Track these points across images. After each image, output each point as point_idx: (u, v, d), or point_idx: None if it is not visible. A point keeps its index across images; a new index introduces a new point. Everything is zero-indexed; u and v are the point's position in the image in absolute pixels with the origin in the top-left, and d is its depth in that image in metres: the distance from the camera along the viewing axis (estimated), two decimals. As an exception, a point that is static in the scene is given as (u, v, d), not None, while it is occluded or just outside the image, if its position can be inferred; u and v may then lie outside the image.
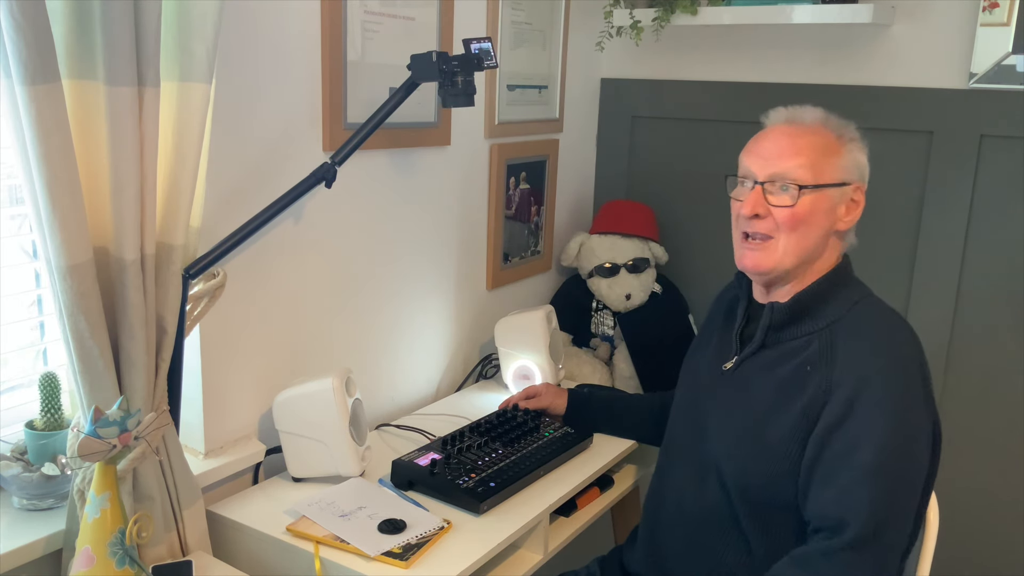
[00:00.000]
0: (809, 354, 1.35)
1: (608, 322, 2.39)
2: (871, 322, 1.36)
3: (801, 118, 1.42)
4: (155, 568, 1.30)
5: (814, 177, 1.36)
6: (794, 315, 1.40)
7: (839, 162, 1.38)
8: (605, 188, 2.63)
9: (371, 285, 1.86)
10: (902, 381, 1.30)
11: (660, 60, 2.48)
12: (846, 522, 1.23)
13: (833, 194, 1.38)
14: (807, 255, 1.39)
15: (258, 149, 1.56)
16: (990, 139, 2.05)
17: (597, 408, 1.86)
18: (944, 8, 2.06)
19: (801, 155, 1.37)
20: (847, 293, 1.40)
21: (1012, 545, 2.17)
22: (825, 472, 1.28)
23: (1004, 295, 2.09)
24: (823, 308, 1.39)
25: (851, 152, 1.39)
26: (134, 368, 1.26)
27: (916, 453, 1.30)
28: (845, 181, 1.38)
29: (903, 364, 1.31)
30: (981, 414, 2.16)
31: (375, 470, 1.63)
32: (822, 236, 1.39)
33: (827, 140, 1.39)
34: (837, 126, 1.41)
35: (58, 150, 1.11)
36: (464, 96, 1.60)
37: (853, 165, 1.40)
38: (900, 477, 1.27)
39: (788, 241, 1.38)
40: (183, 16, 1.25)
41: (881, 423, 1.26)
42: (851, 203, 1.40)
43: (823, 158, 1.37)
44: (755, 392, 1.40)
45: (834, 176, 1.37)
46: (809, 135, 1.39)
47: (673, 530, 1.50)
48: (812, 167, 1.36)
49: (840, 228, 1.40)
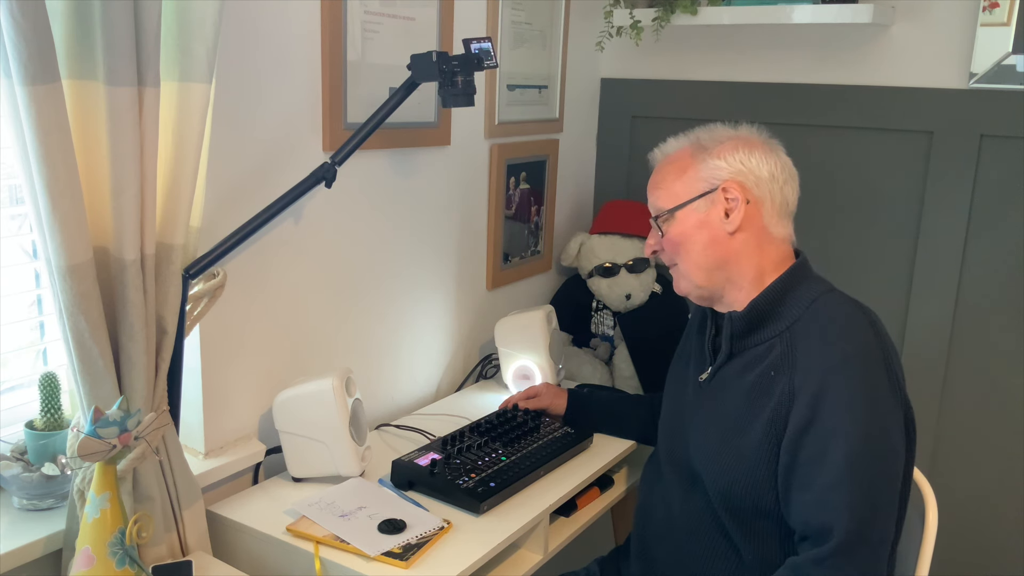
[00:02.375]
0: (772, 359, 1.35)
1: (608, 322, 2.39)
2: (826, 319, 1.35)
3: (664, 151, 1.49)
4: (155, 568, 1.30)
5: (671, 200, 1.42)
6: (752, 322, 1.39)
7: (693, 175, 1.41)
8: (605, 188, 2.63)
9: (371, 285, 1.86)
10: (862, 374, 1.28)
11: (660, 60, 2.48)
12: (829, 528, 1.23)
13: (697, 206, 1.40)
14: (711, 266, 1.41)
15: (258, 149, 1.56)
16: (990, 139, 2.05)
17: (597, 408, 1.86)
18: (944, 8, 2.06)
19: (659, 187, 1.45)
20: (803, 292, 1.38)
21: (1012, 545, 2.17)
22: (801, 478, 1.28)
23: (1004, 295, 2.09)
24: (781, 311, 1.38)
25: (706, 160, 1.40)
26: (134, 368, 1.26)
27: (888, 444, 1.28)
28: (706, 190, 1.40)
29: (862, 356, 1.30)
30: (981, 414, 2.16)
31: (375, 470, 1.63)
32: (709, 246, 1.40)
33: (681, 162, 1.44)
34: (696, 141, 1.45)
35: (58, 150, 1.11)
36: (464, 96, 1.60)
37: (711, 170, 1.40)
38: (876, 472, 1.26)
39: (684, 264, 1.44)
40: (183, 16, 1.24)
41: (847, 421, 1.25)
42: (728, 203, 1.39)
43: (675, 180, 1.43)
44: (727, 401, 1.40)
45: (691, 191, 1.41)
46: (667, 165, 1.46)
47: (663, 541, 1.50)
48: (668, 193, 1.43)
49: (729, 230, 1.39)
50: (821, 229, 2.30)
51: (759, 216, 1.40)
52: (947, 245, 2.13)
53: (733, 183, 1.38)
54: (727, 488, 1.37)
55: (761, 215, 1.40)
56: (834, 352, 1.30)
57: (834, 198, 2.27)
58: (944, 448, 2.21)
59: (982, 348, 2.14)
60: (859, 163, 2.24)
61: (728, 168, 1.39)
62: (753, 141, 1.42)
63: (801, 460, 1.27)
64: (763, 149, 1.41)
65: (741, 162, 1.39)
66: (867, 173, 2.23)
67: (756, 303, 1.39)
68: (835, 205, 2.27)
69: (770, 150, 1.42)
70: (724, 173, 1.39)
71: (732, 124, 1.46)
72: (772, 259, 1.41)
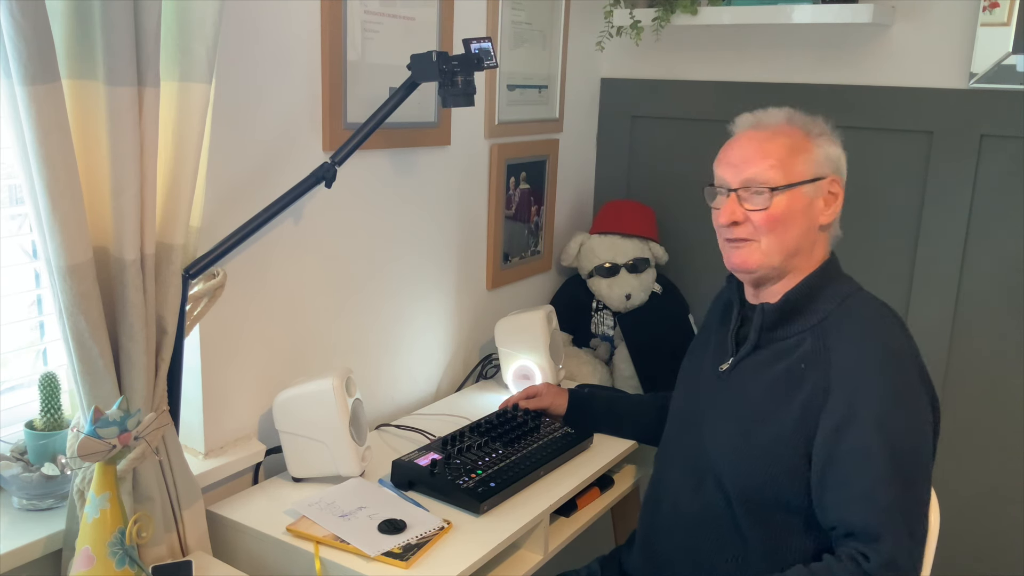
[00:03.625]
0: (803, 351, 1.36)
1: (608, 322, 2.39)
2: (862, 318, 1.37)
3: (766, 121, 1.44)
4: (155, 568, 1.30)
5: (785, 177, 1.38)
6: (785, 314, 1.41)
7: (809, 158, 1.39)
8: (605, 188, 2.63)
9: (371, 285, 1.86)
10: (899, 372, 1.31)
11: (660, 60, 2.48)
12: (879, 533, 1.23)
13: (807, 190, 1.39)
14: (792, 251, 1.41)
15: (258, 149, 1.56)
16: (990, 139, 2.05)
17: (598, 408, 1.86)
18: (944, 8, 2.06)
19: (769, 157, 1.38)
20: (836, 289, 1.41)
21: (1013, 545, 2.17)
22: (840, 474, 1.28)
23: (1004, 295, 2.09)
24: (813, 305, 1.39)
25: (820, 147, 1.40)
26: (134, 368, 1.26)
27: (926, 442, 1.32)
28: (818, 176, 1.39)
29: (897, 355, 1.32)
30: (981, 414, 2.16)
31: (375, 470, 1.63)
32: (804, 232, 1.40)
33: (794, 139, 1.40)
34: (804, 123, 1.42)
35: (58, 150, 1.11)
36: (464, 96, 1.60)
37: (824, 159, 1.40)
38: (917, 473, 1.28)
39: (770, 242, 1.40)
40: (183, 16, 1.25)
41: (884, 422, 1.26)
42: (829, 196, 1.41)
43: (792, 157, 1.38)
44: (751, 393, 1.40)
45: (806, 172, 1.39)
46: (776, 136, 1.41)
47: (670, 534, 1.50)
48: (782, 167, 1.38)
49: (822, 222, 1.41)
50: (821, 229, 2.30)
51: (839, 215, 1.43)
52: (947, 245, 2.13)
53: (839, 178, 1.41)
54: (746, 480, 1.37)
55: (839, 214, 1.43)
56: (872, 350, 1.32)
57: (834, 198, 2.26)
58: (944, 448, 2.20)
59: (982, 348, 2.14)
60: (859, 163, 2.23)
61: (835, 162, 1.41)
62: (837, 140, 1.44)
63: (839, 459, 1.28)
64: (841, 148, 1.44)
65: (839, 158, 1.42)
66: (867, 173, 2.22)
67: (790, 296, 1.41)
68: (835, 205, 2.26)
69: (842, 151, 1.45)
70: (831, 167, 1.41)
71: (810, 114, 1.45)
72: (820, 256, 1.44)
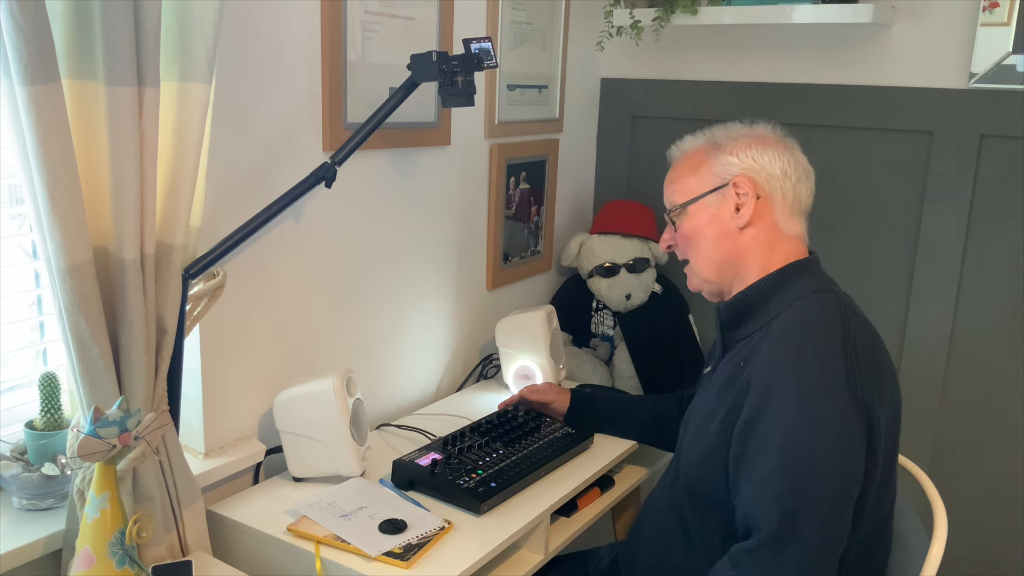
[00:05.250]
0: (746, 352, 1.36)
1: (608, 322, 2.39)
2: (799, 318, 1.33)
3: (682, 148, 1.50)
4: (155, 568, 1.30)
5: (684, 196, 1.45)
6: (738, 315, 1.41)
7: (706, 170, 1.43)
8: (605, 188, 2.63)
9: (371, 285, 1.86)
10: (815, 374, 1.26)
11: (660, 60, 2.48)
12: (757, 521, 1.23)
13: (709, 200, 1.42)
14: (721, 262, 1.42)
15: (258, 149, 1.56)
16: (990, 139, 2.05)
17: (600, 408, 1.86)
18: (944, 8, 2.06)
19: (674, 182, 1.47)
20: (793, 290, 1.37)
21: (1014, 545, 2.17)
22: (744, 470, 1.28)
23: (1004, 295, 2.09)
24: (767, 305, 1.38)
25: (719, 155, 1.42)
26: (134, 368, 1.26)
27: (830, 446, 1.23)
28: (718, 185, 1.41)
29: (819, 357, 1.27)
30: (981, 414, 2.16)
31: (376, 470, 1.63)
32: (719, 240, 1.41)
33: (695, 159, 1.45)
34: (711, 138, 1.46)
35: (58, 150, 1.11)
36: (464, 96, 1.60)
37: (725, 165, 1.41)
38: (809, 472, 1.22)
39: (695, 259, 1.46)
40: (183, 16, 1.24)
41: (786, 419, 1.24)
42: (739, 198, 1.40)
43: (690, 175, 1.45)
44: (711, 393, 1.41)
45: (704, 185, 1.42)
46: (682, 161, 1.48)
47: (641, 527, 1.54)
48: (682, 187, 1.45)
49: (739, 224, 1.40)
50: (821, 229, 2.29)
51: (770, 212, 1.40)
52: (947, 245, 2.13)
53: (744, 178, 1.39)
54: (688, 474, 1.40)
55: (772, 211, 1.40)
56: (793, 349, 1.30)
57: (834, 198, 2.26)
58: (944, 448, 2.21)
59: (982, 348, 2.13)
60: (859, 163, 2.24)
61: (740, 164, 1.40)
62: (767, 138, 1.43)
63: (747, 452, 1.28)
64: (777, 146, 1.42)
65: (753, 159, 1.40)
66: (867, 173, 2.22)
67: (741, 296, 1.41)
68: (835, 205, 2.26)
69: (784, 147, 1.42)
70: (735, 169, 1.40)
71: (749, 122, 1.47)
72: (781, 256, 1.41)
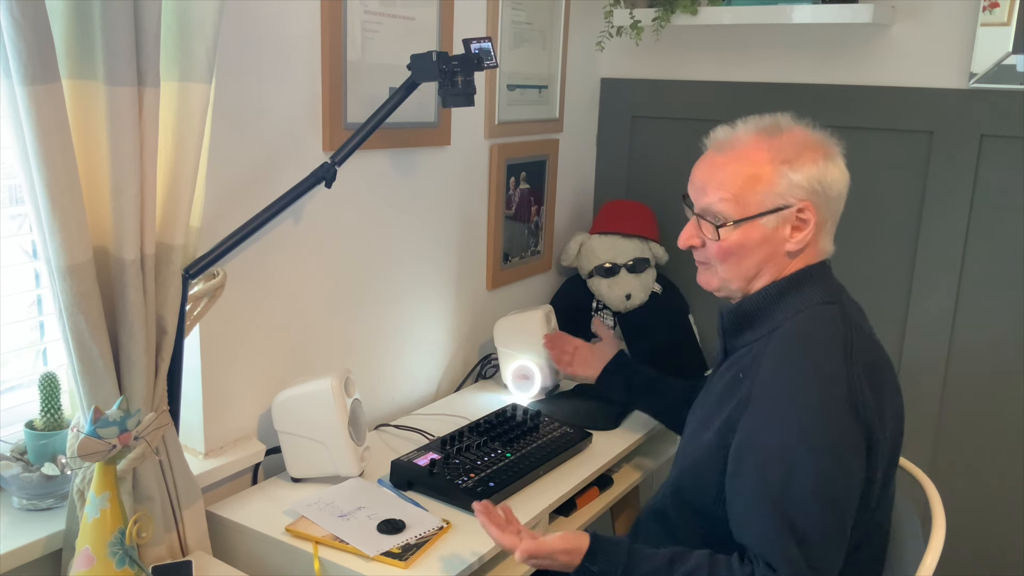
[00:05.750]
0: (745, 362, 1.31)
1: (608, 322, 2.39)
2: (801, 333, 1.28)
3: (731, 142, 1.32)
4: (155, 568, 1.30)
5: (737, 211, 1.29)
6: (739, 322, 1.36)
7: (770, 189, 1.28)
8: (605, 188, 2.63)
9: (371, 285, 1.86)
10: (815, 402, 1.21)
11: (660, 60, 2.48)
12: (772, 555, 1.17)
13: (767, 221, 1.29)
14: (751, 276, 1.34)
15: (258, 149, 1.56)
16: (990, 139, 2.05)
17: (640, 374, 1.79)
18: (944, 8, 2.06)
19: (722, 188, 1.30)
20: (798, 300, 1.31)
21: (1014, 545, 2.17)
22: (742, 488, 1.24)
23: (1004, 295, 2.09)
24: (770, 315, 1.32)
25: (786, 175, 1.28)
26: (134, 368, 1.26)
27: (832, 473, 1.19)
28: (781, 206, 1.28)
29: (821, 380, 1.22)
30: (982, 414, 2.16)
31: (374, 470, 1.63)
32: (764, 260, 1.32)
33: (755, 167, 1.29)
34: (772, 143, 1.30)
35: (58, 150, 1.11)
36: (464, 96, 1.60)
37: (790, 186, 1.28)
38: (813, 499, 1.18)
39: (724, 269, 1.35)
40: (183, 16, 1.25)
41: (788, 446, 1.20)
42: (798, 222, 1.30)
43: (748, 188, 1.29)
44: (709, 399, 1.40)
45: (764, 204, 1.29)
46: (733, 163, 1.30)
47: (638, 522, 1.53)
48: (735, 200, 1.29)
49: (789, 249, 1.31)
50: (821, 229, 2.30)
51: (819, 235, 1.32)
52: (947, 245, 2.13)
53: (810, 204, 1.28)
54: (678, 480, 1.39)
55: (821, 234, 1.33)
56: (795, 369, 1.24)
57: (834, 198, 2.26)
58: (944, 448, 2.21)
59: (982, 348, 2.13)
60: (859, 163, 2.22)
61: (807, 187, 1.28)
62: (830, 151, 1.31)
63: (743, 472, 1.24)
64: (837, 162, 1.31)
65: (819, 181, 1.28)
66: (867, 173, 2.22)
67: (743, 303, 1.36)
68: (835, 205, 2.26)
69: (840, 161, 1.32)
70: (802, 193, 1.28)
71: (808, 122, 1.34)
72: (797, 264, 1.34)
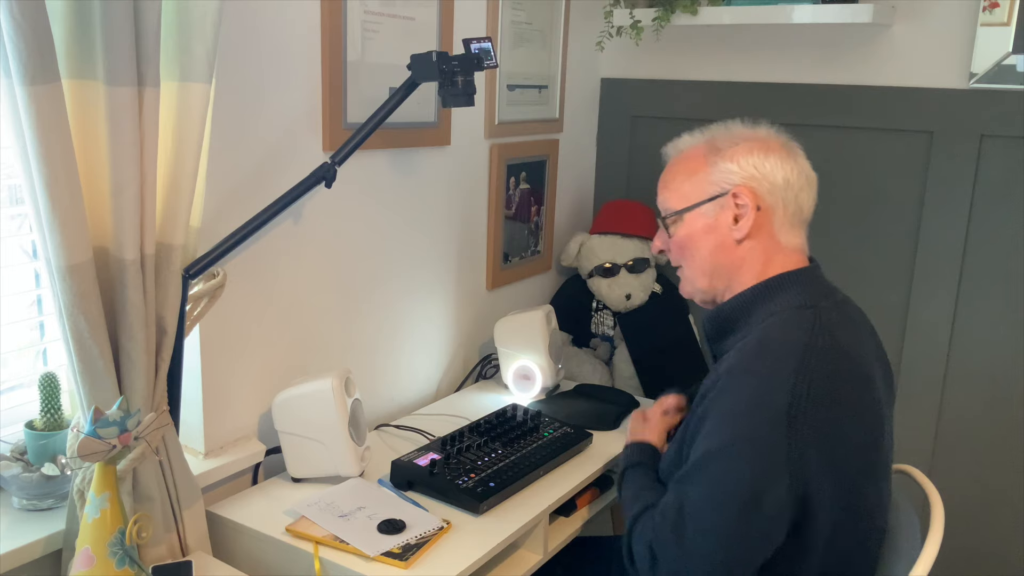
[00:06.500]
0: (721, 368, 1.31)
1: (608, 322, 2.39)
2: (762, 339, 1.27)
3: (678, 147, 1.44)
4: (155, 568, 1.30)
5: (680, 202, 1.39)
6: (720, 328, 1.38)
7: (704, 177, 1.36)
8: (605, 188, 2.63)
9: (371, 285, 1.86)
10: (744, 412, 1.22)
11: (660, 60, 2.48)
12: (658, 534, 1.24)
13: (706, 210, 1.36)
14: (711, 272, 1.38)
15: (258, 149, 1.56)
16: (990, 139, 2.05)
17: None
18: (944, 8, 2.07)
19: (668, 187, 1.42)
20: (773, 304, 1.32)
21: (1013, 545, 2.17)
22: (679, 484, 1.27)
23: (1004, 295, 2.09)
24: (747, 320, 1.33)
25: (718, 162, 1.35)
26: (134, 368, 1.26)
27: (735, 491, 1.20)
28: (716, 194, 1.35)
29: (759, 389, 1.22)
30: (981, 414, 2.16)
31: (375, 470, 1.63)
32: (714, 251, 1.37)
33: (692, 162, 1.39)
34: (710, 141, 1.39)
35: (58, 150, 1.11)
36: (464, 96, 1.59)
37: (723, 173, 1.35)
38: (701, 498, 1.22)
39: (687, 267, 1.42)
40: (183, 16, 1.25)
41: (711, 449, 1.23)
42: (738, 209, 1.34)
43: (687, 181, 1.39)
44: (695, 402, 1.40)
45: (702, 193, 1.37)
46: (679, 163, 1.42)
47: None
48: (677, 193, 1.40)
49: (736, 237, 1.34)
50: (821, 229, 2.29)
51: (769, 224, 1.34)
52: (947, 245, 2.13)
53: (744, 188, 1.33)
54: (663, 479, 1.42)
55: (772, 223, 1.35)
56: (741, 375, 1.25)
57: (834, 198, 2.26)
58: (943, 448, 2.21)
59: (982, 348, 2.14)
60: (859, 163, 2.24)
61: (741, 172, 1.34)
62: (771, 144, 1.36)
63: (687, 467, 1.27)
64: (781, 153, 1.35)
65: (755, 166, 1.33)
66: (867, 173, 2.22)
67: (722, 308, 1.38)
68: (835, 205, 2.27)
69: (788, 154, 1.35)
70: (736, 177, 1.34)
71: (751, 123, 1.41)
72: (776, 268, 1.35)
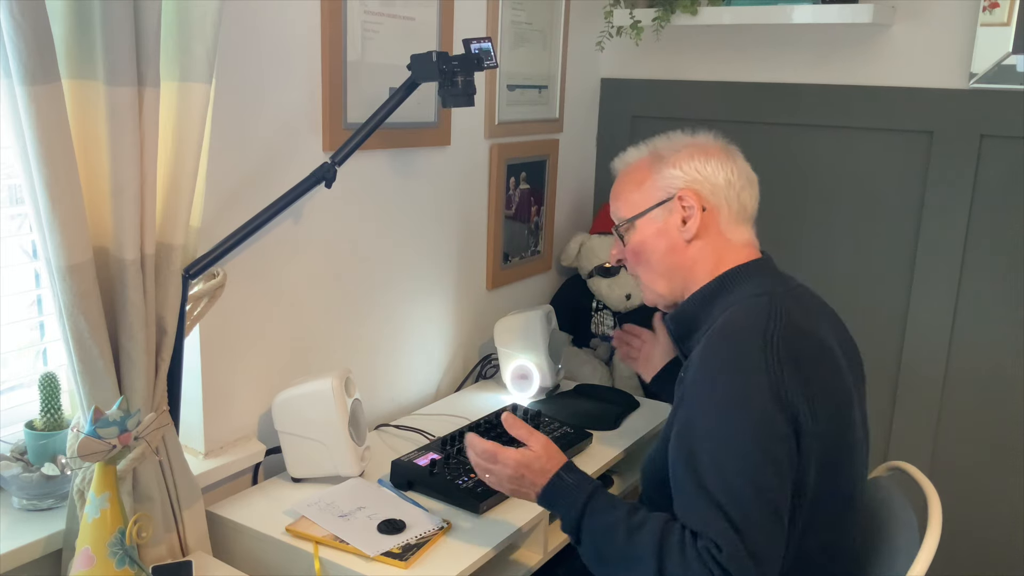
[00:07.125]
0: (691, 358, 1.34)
1: (608, 322, 2.39)
2: (723, 328, 1.30)
3: (625, 160, 1.49)
4: (155, 568, 1.30)
5: (631, 210, 1.44)
6: (684, 326, 1.42)
7: (650, 184, 1.42)
8: (605, 188, 2.62)
9: (371, 285, 1.86)
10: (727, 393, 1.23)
11: (660, 60, 2.48)
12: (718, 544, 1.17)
13: (655, 215, 1.41)
14: (667, 275, 1.42)
15: (258, 149, 1.56)
16: (990, 139, 2.05)
17: None
18: (944, 8, 2.06)
19: (619, 198, 1.47)
20: (731, 297, 1.36)
21: (1012, 545, 2.17)
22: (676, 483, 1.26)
23: (1004, 295, 2.09)
24: (708, 315, 1.37)
25: (662, 169, 1.41)
26: (134, 368, 1.26)
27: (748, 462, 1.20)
28: (664, 199, 1.40)
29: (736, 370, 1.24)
30: (981, 414, 2.16)
31: (375, 470, 1.63)
32: (667, 254, 1.41)
33: (638, 172, 1.44)
34: (653, 151, 1.45)
35: (58, 150, 1.11)
36: (464, 96, 1.60)
37: (667, 179, 1.40)
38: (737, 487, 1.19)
39: (644, 273, 1.46)
40: (183, 16, 1.25)
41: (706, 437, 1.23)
42: (684, 211, 1.39)
43: (635, 190, 1.44)
44: None
45: (648, 200, 1.42)
46: (626, 175, 1.47)
47: None
48: (627, 203, 1.45)
49: (686, 238, 1.39)
50: (820, 229, 2.30)
51: (716, 223, 1.40)
52: (947, 245, 2.13)
53: (688, 191, 1.39)
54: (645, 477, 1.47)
55: (718, 222, 1.40)
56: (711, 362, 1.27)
57: (834, 198, 2.27)
58: (943, 448, 2.21)
59: (982, 348, 2.13)
60: (859, 163, 2.24)
61: (684, 176, 1.40)
62: (709, 148, 1.42)
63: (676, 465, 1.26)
64: (720, 156, 1.41)
65: (696, 170, 1.40)
66: (867, 173, 2.22)
67: (682, 307, 1.42)
68: (835, 205, 2.27)
69: (727, 156, 1.42)
70: (680, 182, 1.40)
71: (690, 131, 1.47)
72: (728, 264, 1.40)
